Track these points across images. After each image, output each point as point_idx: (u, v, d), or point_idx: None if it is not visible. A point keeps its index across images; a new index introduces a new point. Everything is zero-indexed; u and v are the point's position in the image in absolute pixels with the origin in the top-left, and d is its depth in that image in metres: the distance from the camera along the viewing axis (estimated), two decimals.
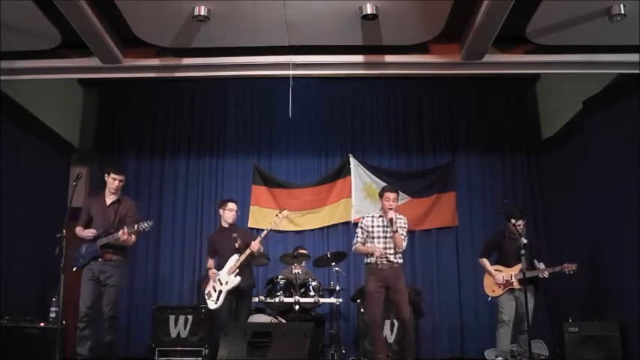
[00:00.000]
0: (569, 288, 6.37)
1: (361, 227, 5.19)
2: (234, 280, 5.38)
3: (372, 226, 5.11)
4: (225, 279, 5.43)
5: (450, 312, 7.02)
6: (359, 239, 5.15)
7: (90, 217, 5.06)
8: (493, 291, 5.58)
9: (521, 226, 5.37)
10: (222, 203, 5.81)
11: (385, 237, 5.03)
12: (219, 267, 5.57)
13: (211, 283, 5.54)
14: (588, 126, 6.22)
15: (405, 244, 5.06)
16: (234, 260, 5.45)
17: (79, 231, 5.01)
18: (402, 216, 5.20)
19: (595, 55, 5.15)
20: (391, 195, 5.09)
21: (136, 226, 4.80)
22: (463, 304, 7.03)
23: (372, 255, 5.02)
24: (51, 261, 4.71)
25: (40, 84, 6.23)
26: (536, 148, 7.53)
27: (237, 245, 5.48)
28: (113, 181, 5.06)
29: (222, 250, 5.60)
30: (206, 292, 5.56)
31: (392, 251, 5.01)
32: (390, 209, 5.04)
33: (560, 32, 4.79)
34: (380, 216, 5.14)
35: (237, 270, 5.40)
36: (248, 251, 5.40)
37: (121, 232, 4.79)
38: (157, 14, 4.57)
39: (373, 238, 5.06)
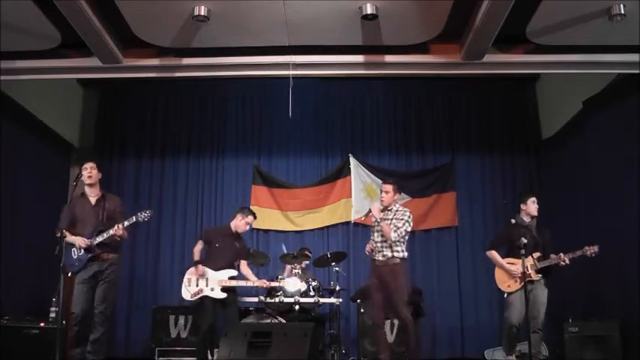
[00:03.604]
0: (569, 288, 6.37)
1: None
2: (219, 294, 5.32)
3: (375, 221, 5.09)
4: (212, 285, 5.34)
5: (450, 312, 7.02)
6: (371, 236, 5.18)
7: (73, 219, 4.87)
8: (509, 286, 5.13)
9: (535, 204, 5.24)
10: (247, 212, 5.70)
11: (381, 230, 4.96)
12: (212, 265, 5.45)
13: (196, 273, 5.41)
14: (588, 126, 6.22)
15: (394, 235, 4.85)
16: (227, 275, 5.40)
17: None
18: (403, 208, 5.12)
19: (595, 55, 5.15)
20: (386, 186, 5.10)
21: (134, 218, 4.77)
22: (463, 304, 7.04)
23: (371, 252, 5.01)
24: (51, 261, 4.73)
25: (40, 84, 6.22)
26: (536, 148, 7.53)
27: (235, 261, 5.57)
28: (85, 171, 4.90)
29: (220, 253, 5.49)
30: (187, 277, 5.41)
31: (387, 244, 4.93)
32: (382, 200, 5.04)
33: (560, 32, 4.79)
34: (382, 210, 5.09)
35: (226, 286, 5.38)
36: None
37: (115, 229, 4.72)
38: (157, 14, 4.58)
39: (374, 232, 5.08)
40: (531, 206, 5.25)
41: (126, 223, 4.79)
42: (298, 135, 7.60)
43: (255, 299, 6.09)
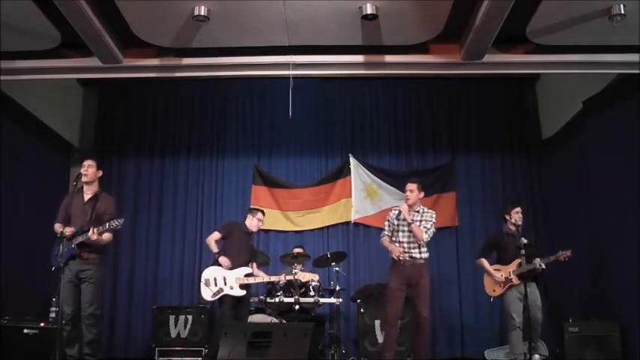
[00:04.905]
0: (569, 288, 6.37)
1: (388, 220, 5.24)
2: (239, 292, 5.42)
3: (397, 219, 5.11)
4: (231, 283, 5.42)
5: (450, 312, 7.02)
6: (386, 232, 5.21)
7: (68, 215, 4.87)
8: (494, 290, 5.45)
9: (519, 214, 5.38)
10: (255, 211, 5.85)
11: (410, 230, 5.05)
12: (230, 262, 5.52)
13: (215, 271, 5.47)
14: (588, 126, 6.22)
15: (426, 236, 5.02)
16: (244, 272, 5.48)
17: (58, 228, 4.81)
18: (429, 210, 5.21)
19: (595, 55, 5.15)
20: (410, 185, 5.16)
21: (107, 225, 4.68)
22: (463, 304, 7.03)
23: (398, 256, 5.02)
24: (51, 261, 4.74)
25: (40, 84, 6.23)
26: (536, 148, 7.52)
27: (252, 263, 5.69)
28: (82, 168, 4.92)
29: (237, 250, 5.57)
30: (205, 278, 5.47)
31: (415, 245, 5.04)
32: (408, 198, 5.10)
33: (560, 32, 4.80)
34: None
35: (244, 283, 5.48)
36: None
37: (90, 233, 4.66)
38: (157, 14, 4.58)
39: (398, 231, 5.09)
40: (515, 216, 5.38)
41: (100, 229, 4.70)
42: (298, 135, 7.59)
43: (255, 299, 6.09)
